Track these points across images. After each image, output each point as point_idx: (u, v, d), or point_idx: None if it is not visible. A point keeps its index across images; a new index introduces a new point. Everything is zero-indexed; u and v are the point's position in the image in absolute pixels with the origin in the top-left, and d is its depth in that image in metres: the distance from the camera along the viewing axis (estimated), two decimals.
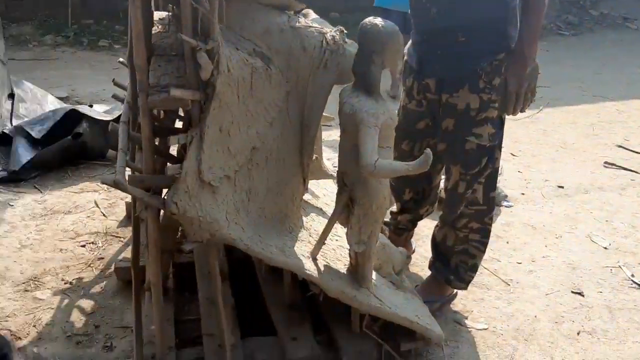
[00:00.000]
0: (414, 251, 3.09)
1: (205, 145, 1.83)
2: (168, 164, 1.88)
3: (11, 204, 3.59)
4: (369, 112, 1.91)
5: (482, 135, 2.38)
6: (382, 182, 2.00)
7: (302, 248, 2.18)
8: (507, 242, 3.33)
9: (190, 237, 1.92)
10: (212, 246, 2.03)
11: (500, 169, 3.59)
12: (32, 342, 2.49)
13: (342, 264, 2.25)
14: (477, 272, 2.96)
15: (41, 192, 3.74)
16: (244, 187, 2.01)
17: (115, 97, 2.43)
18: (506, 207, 3.70)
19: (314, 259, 2.14)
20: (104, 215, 3.49)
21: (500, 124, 2.41)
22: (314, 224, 2.43)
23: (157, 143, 2.09)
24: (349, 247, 2.16)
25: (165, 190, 1.92)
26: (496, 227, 3.45)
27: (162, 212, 1.96)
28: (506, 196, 3.76)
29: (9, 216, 3.45)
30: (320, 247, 2.16)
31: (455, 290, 2.73)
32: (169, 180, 1.85)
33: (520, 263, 3.11)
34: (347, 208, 2.09)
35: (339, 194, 2.12)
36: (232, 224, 1.94)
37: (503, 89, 2.31)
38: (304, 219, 2.40)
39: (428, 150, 1.80)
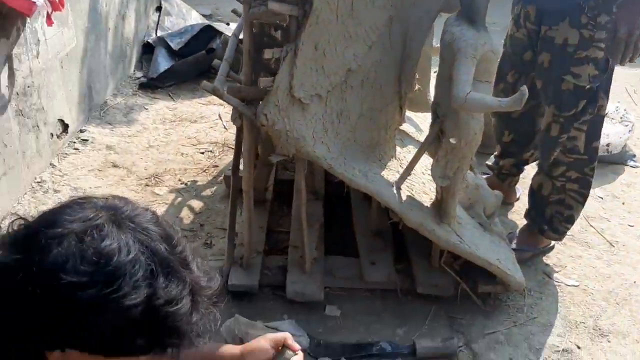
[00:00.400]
0: (517, 199, 2.98)
1: (299, 61, 1.88)
2: (262, 76, 1.95)
3: (146, 107, 3.92)
4: (468, 42, 1.85)
5: (581, 76, 2.21)
6: (474, 117, 1.94)
7: (389, 177, 2.20)
8: (623, 203, 3.10)
9: (277, 150, 2.01)
10: (300, 162, 2.12)
11: (630, 126, 3.32)
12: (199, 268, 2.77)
13: (428, 198, 2.25)
14: (582, 229, 2.83)
15: (173, 100, 4.04)
16: (335, 109, 2.05)
17: (234, 12, 2.54)
18: (631, 166, 3.42)
19: (398, 188, 2.15)
20: (224, 127, 3.71)
21: (605, 67, 2.21)
22: (409, 156, 2.42)
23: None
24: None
25: None
26: (615, 186, 3.23)
27: None
28: (634, 155, 3.47)
29: (143, 118, 3.78)
30: (405, 177, 2.16)
31: (552, 243, 2.62)
32: (263, 92, 1.93)
33: (632, 226, 2.90)
34: (437, 140, 2.06)
35: (431, 125, 2.10)
36: (318, 142, 2.01)
37: (611, 32, 2.10)
38: (399, 149, 2.41)
39: (524, 88, 1.72)
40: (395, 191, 2.14)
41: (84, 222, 0.87)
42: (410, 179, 2.24)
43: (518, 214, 2.89)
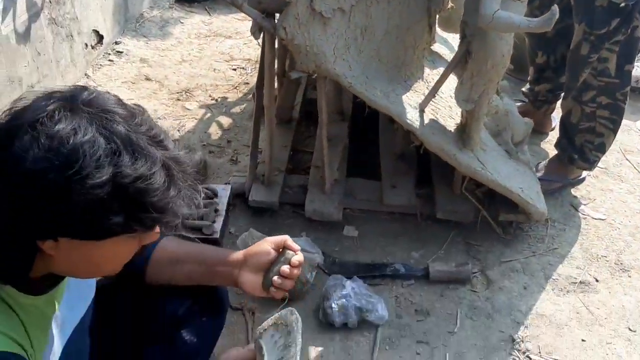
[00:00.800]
0: (553, 128, 2.87)
1: None
2: None
3: (182, 21, 3.88)
4: None
5: None
6: (502, 37, 1.85)
7: (413, 98, 2.14)
8: None
9: (297, 66, 1.97)
10: (320, 80, 2.07)
11: None
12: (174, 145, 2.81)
13: (453, 122, 2.18)
14: (616, 162, 2.73)
15: (209, 15, 3.99)
16: (359, 24, 1.97)
17: None
18: None
19: (422, 111, 2.09)
20: (259, 44, 3.65)
21: None
22: (438, 78, 2.34)
23: None
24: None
25: None
26: None
27: None
28: None
29: (178, 32, 3.76)
30: (430, 99, 2.10)
31: (582, 175, 2.54)
32: (283, 4, 1.87)
33: None
34: (463, 61, 1.98)
35: (459, 45, 2.01)
36: (339, 59, 1.95)
37: None
38: (428, 71, 2.33)
39: (555, 8, 1.61)
40: (417, 113, 2.09)
41: (35, 112, 0.88)
42: (435, 101, 2.17)
43: (552, 144, 2.80)
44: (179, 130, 2.90)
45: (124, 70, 3.34)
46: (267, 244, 1.38)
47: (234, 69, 3.42)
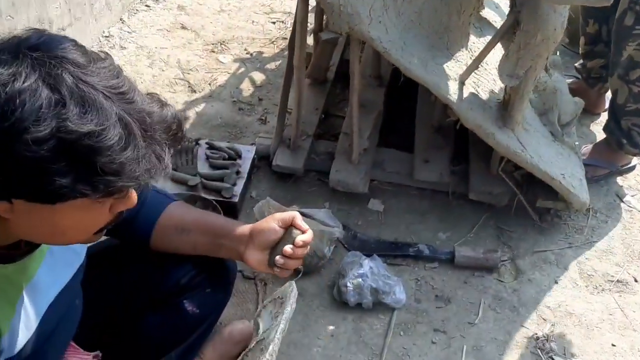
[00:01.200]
0: (605, 109, 2.65)
1: None
2: None
3: None
4: None
5: None
6: (556, 9, 1.66)
7: (454, 69, 1.97)
8: None
9: (330, 27, 1.83)
10: (354, 42, 1.93)
11: None
12: (203, 97, 2.72)
13: (495, 98, 2.02)
14: None
15: None
16: None
17: None
18: None
19: (462, 83, 1.93)
20: None
21: None
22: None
23: None
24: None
25: None
26: None
27: None
28: None
29: None
30: (472, 70, 1.93)
31: (632, 163, 2.34)
32: None
33: None
34: (511, 32, 1.80)
35: (508, 14, 1.83)
36: (375, 22, 1.80)
37: None
38: (474, 39, 2.15)
39: None
40: (457, 86, 1.93)
41: None
42: (478, 73, 2.01)
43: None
44: (209, 84, 2.80)
45: (160, 17, 3.23)
46: (274, 222, 1.29)
47: (273, 22, 3.27)
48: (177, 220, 1.35)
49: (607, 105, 2.63)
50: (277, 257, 1.25)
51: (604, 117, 2.63)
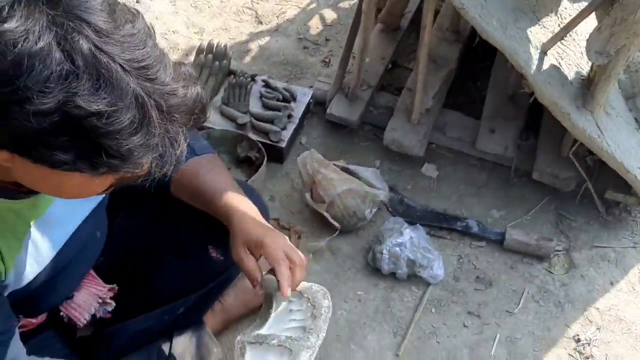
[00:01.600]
0: None
1: None
2: None
3: None
4: None
5: None
6: None
7: (537, 36, 1.77)
8: None
9: None
10: None
11: None
12: (269, 31, 2.60)
13: (579, 74, 1.81)
14: None
15: None
16: None
17: None
18: None
19: (543, 52, 1.74)
20: None
21: None
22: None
23: None
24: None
25: None
26: None
27: None
28: None
29: None
30: (557, 40, 1.73)
31: None
32: None
33: None
34: (608, 3, 1.58)
35: None
36: None
37: None
38: (567, 4, 1.92)
39: None
40: (537, 55, 1.73)
41: None
42: (564, 43, 1.80)
43: None
44: (277, 17, 2.68)
45: None
46: (252, 260, 1.21)
47: None
48: (188, 182, 1.28)
49: None
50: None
51: None
